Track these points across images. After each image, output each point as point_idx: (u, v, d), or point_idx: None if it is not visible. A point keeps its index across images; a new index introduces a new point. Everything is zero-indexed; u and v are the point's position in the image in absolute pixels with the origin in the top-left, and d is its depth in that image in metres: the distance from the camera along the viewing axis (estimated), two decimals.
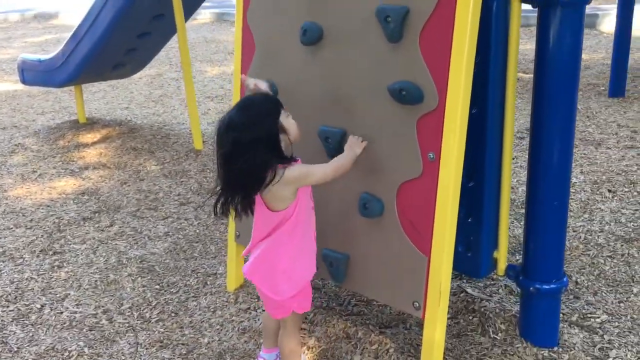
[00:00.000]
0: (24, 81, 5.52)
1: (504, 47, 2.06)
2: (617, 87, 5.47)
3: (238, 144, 1.81)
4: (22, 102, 6.62)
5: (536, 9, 2.02)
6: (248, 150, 1.81)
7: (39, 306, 2.72)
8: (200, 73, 7.67)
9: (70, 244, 3.30)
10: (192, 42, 9.41)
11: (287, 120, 1.92)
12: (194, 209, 3.67)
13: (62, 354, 2.38)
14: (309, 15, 2.23)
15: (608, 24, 8.98)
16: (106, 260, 3.10)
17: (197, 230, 3.38)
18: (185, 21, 4.52)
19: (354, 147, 2.04)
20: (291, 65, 2.32)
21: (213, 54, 9.07)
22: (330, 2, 2.17)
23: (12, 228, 3.53)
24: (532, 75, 2.10)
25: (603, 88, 5.78)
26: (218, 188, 1.92)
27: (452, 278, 2.07)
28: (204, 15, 12.36)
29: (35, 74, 5.31)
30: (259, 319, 2.52)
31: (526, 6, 2.03)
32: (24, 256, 3.18)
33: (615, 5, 5.70)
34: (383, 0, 1.99)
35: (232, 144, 1.82)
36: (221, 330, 2.48)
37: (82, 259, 3.13)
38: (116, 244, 3.27)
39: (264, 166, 1.83)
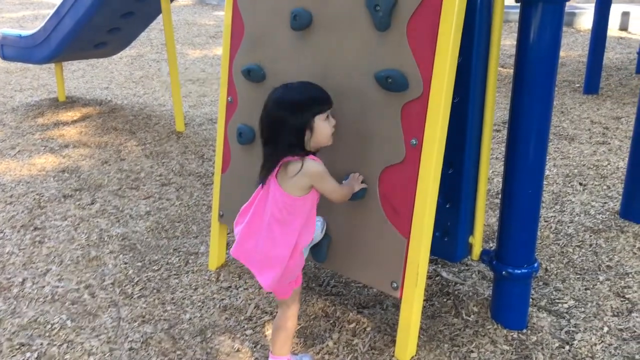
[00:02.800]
0: (3, 57, 5.45)
1: (487, 40, 2.14)
2: (591, 84, 5.62)
3: (271, 119, 1.95)
4: None
5: (518, 4, 2.10)
6: (277, 128, 1.93)
7: (20, 280, 2.74)
8: (182, 56, 7.65)
9: (51, 220, 3.31)
10: (173, 25, 9.36)
11: (320, 123, 1.95)
12: (175, 189, 3.71)
13: (45, 327, 2.42)
14: (298, 1, 2.28)
15: (585, 22, 9.17)
16: (87, 237, 3.12)
17: (179, 211, 3.42)
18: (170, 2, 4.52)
19: (353, 183, 2.15)
20: (280, 49, 2.37)
21: (194, 37, 9.04)
22: None
23: None
24: (510, 70, 2.19)
25: (578, 85, 5.93)
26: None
27: (428, 262, 2.15)
28: None
29: (15, 50, 5.25)
30: (240, 297, 2.58)
31: (507, 2, 2.10)
32: (4, 231, 3.19)
33: (592, 4, 5.84)
34: None
35: (267, 117, 1.96)
36: (202, 307, 2.54)
37: (63, 235, 3.15)
38: (97, 222, 3.29)
39: (283, 148, 1.93)
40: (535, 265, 2.32)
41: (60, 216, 3.36)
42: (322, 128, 1.96)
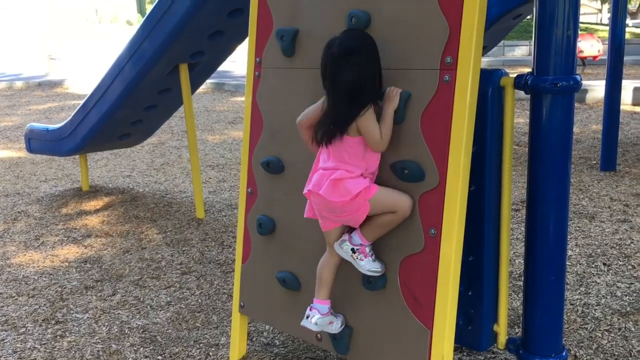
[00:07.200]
0: (30, 150, 5.65)
1: (500, 128, 2.19)
2: (608, 161, 5.63)
3: (358, 70, 2.03)
4: (25, 170, 6.73)
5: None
6: (363, 78, 2.03)
7: None
8: (202, 142, 7.85)
9: (72, 313, 3.31)
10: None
11: None
12: (196, 278, 3.71)
13: None
14: (315, 96, 2.36)
15: (597, 98, 9.30)
16: (109, 330, 3.11)
17: (200, 300, 3.42)
18: (191, 94, 4.70)
19: (393, 98, 2.07)
20: (298, 142, 2.43)
21: (214, 123, 9.30)
22: None
23: (14, 296, 3.55)
24: (524, 148, 2.21)
25: (595, 162, 5.94)
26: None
27: (453, 351, 2.11)
28: (203, 85, 12.74)
29: (41, 143, 5.44)
30: None
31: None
32: (26, 325, 3.19)
33: (603, 81, 5.96)
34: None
35: (352, 68, 2.03)
36: None
37: (84, 328, 3.14)
38: (119, 314, 3.29)
39: (367, 96, 2.05)
40: (564, 354, 2.26)
41: (82, 309, 3.37)
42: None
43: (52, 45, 19.77)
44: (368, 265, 2.15)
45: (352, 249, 2.15)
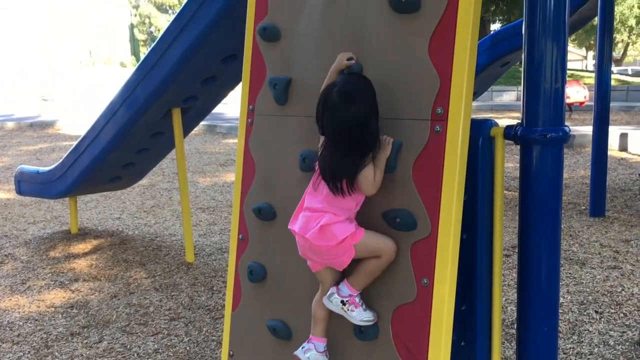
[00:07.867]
0: (19, 192, 5.61)
1: (490, 177, 2.21)
2: (597, 206, 5.67)
3: (360, 117, 2.02)
4: (13, 211, 6.67)
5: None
6: (368, 123, 2.03)
7: None
8: (193, 184, 7.84)
9: None
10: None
11: None
12: (184, 324, 3.65)
13: None
14: (307, 144, 2.38)
15: (585, 144, 9.42)
16: None
17: (188, 348, 3.35)
18: (183, 138, 4.72)
19: (385, 147, 2.08)
20: (290, 189, 2.44)
21: (205, 165, 9.31)
22: None
23: None
24: (514, 193, 2.22)
25: (584, 207, 5.98)
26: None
27: None
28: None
29: (31, 186, 5.41)
30: None
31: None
32: None
33: (590, 127, 6.05)
34: None
35: (355, 116, 2.01)
36: None
37: None
38: None
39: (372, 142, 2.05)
40: None
41: (67, 356, 3.29)
42: None
43: (45, 86, 19.91)
44: (360, 316, 2.12)
45: (342, 301, 2.13)
